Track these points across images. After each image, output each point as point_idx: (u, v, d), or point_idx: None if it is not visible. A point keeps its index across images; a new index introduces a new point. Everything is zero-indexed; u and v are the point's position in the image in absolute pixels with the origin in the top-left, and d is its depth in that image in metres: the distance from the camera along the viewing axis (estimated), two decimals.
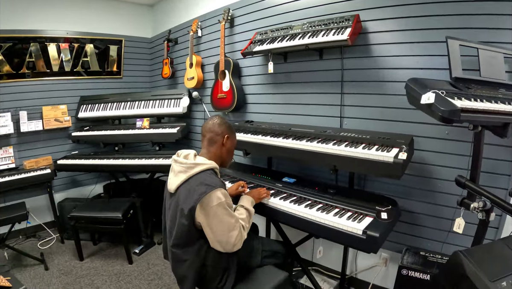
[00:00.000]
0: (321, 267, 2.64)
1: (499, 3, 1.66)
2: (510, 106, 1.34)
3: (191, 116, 3.53)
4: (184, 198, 1.47)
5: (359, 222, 1.60)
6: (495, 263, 1.10)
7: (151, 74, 4.33)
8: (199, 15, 3.34)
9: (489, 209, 1.42)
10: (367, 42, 2.11)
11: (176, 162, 1.58)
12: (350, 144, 1.82)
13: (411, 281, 1.86)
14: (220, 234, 1.46)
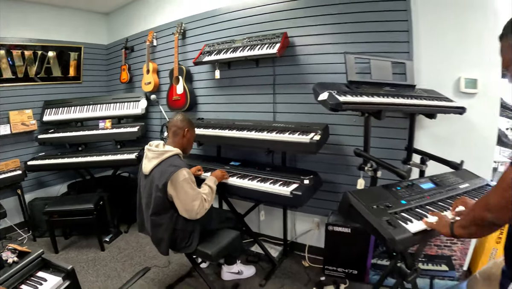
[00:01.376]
0: (267, 236, 3.27)
1: (395, 23, 2.41)
2: (379, 99, 2.01)
3: (148, 116, 4.00)
4: (158, 177, 2.01)
5: (288, 186, 2.25)
6: (371, 197, 1.68)
7: (108, 79, 4.71)
8: (154, 26, 3.83)
9: (375, 168, 2.10)
10: (293, 53, 2.79)
11: (150, 150, 2.12)
12: (279, 132, 2.46)
13: (336, 234, 2.53)
14: (185, 203, 2.01)
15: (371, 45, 2.49)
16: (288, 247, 3.09)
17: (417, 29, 2.39)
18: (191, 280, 2.74)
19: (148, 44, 3.74)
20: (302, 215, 3.05)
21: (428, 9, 2.34)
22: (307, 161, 2.85)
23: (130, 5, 4.22)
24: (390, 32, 2.44)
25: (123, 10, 4.37)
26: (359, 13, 2.50)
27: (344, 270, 2.61)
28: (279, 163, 2.87)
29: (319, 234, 2.95)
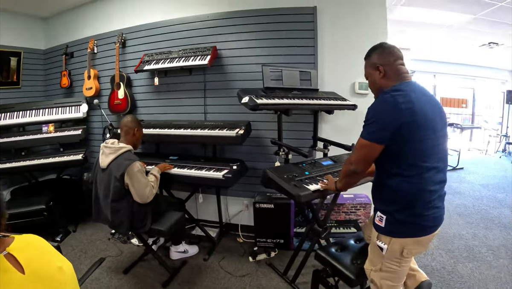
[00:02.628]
0: (206, 221, 3.84)
1: (304, 40, 3.17)
2: (287, 100, 2.71)
3: (89, 120, 4.33)
4: (116, 169, 2.50)
5: (220, 172, 2.89)
6: (283, 171, 2.35)
7: (47, 84, 4.90)
8: (95, 34, 4.18)
9: (287, 152, 2.79)
10: (221, 63, 3.43)
11: (106, 147, 2.60)
12: (210, 128, 3.09)
13: (262, 210, 3.23)
14: (139, 190, 2.53)
15: (285, 57, 3.24)
16: (224, 228, 3.69)
17: (321, 45, 3.22)
18: (144, 263, 3.17)
19: (89, 52, 4.10)
20: (233, 198, 3.69)
21: (330, 30, 3.18)
22: (234, 152, 3.49)
23: (69, 11, 4.49)
24: (300, 47, 3.22)
25: (62, 16, 4.60)
26: (276, 31, 3.26)
27: (273, 240, 3.31)
28: (211, 155, 3.48)
29: (249, 214, 3.59)
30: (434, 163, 1.59)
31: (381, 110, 1.58)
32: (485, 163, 8.15)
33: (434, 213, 1.63)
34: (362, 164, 1.67)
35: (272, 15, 3.26)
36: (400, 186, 1.59)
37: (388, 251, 1.67)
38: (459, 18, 5.12)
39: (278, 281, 2.82)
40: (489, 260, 3.18)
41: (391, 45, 1.72)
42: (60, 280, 0.96)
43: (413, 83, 1.64)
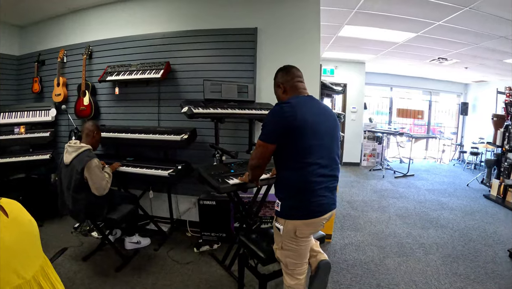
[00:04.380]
0: (158, 217, 4.44)
1: (245, 57, 3.86)
2: (220, 110, 3.36)
3: (57, 123, 4.91)
4: (77, 164, 3.07)
5: (166, 171, 3.50)
6: (212, 169, 2.98)
7: (18, 88, 5.46)
8: (65, 45, 4.80)
9: (221, 154, 3.42)
10: (174, 76, 4.10)
11: (70, 146, 3.19)
12: (160, 133, 3.73)
13: (206, 207, 3.79)
14: (96, 183, 3.10)
15: (229, 72, 3.94)
16: (174, 224, 4.30)
17: (260, 62, 3.90)
18: (101, 252, 3.69)
19: (59, 61, 4.70)
20: (183, 196, 4.33)
21: (269, 49, 3.86)
22: (183, 155, 4.14)
23: (44, 21, 5.12)
24: (242, 64, 3.90)
25: (37, 26, 5.21)
26: (222, 49, 3.94)
27: (216, 234, 3.88)
28: (162, 157, 4.12)
29: (196, 211, 4.17)
30: (316, 159, 2.01)
31: (271, 118, 2.06)
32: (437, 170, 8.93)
33: (319, 200, 2.04)
34: (260, 159, 2.14)
35: (219, 34, 3.94)
36: (288, 177, 2.06)
37: (284, 231, 2.08)
38: (402, 36, 5.81)
39: (217, 268, 3.38)
40: (419, 256, 3.69)
41: (292, 67, 2.27)
42: (31, 228, 1.44)
43: (305, 97, 2.15)
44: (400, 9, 4.49)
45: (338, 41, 6.40)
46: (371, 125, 9.32)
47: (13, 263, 1.25)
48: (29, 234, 1.40)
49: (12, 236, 1.28)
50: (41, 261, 1.43)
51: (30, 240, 1.40)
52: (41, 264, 1.42)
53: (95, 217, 3.30)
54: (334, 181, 2.15)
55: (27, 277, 1.29)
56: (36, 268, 1.37)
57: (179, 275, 3.26)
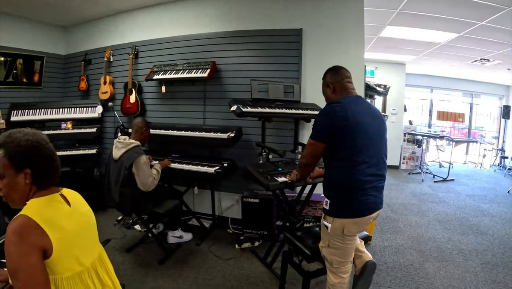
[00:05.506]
0: (201, 213, 4.63)
1: (290, 58, 3.98)
2: (268, 110, 3.50)
3: (103, 120, 5.22)
4: (126, 160, 3.28)
5: (212, 168, 3.68)
6: (260, 167, 3.13)
7: (65, 86, 5.84)
8: (111, 45, 5.10)
9: (267, 153, 3.58)
10: (219, 76, 4.28)
11: (119, 142, 3.40)
12: (207, 131, 3.92)
13: (249, 204, 3.97)
14: (143, 179, 3.30)
15: (274, 72, 4.07)
16: (216, 220, 4.49)
17: (305, 62, 4.01)
18: (144, 245, 3.92)
19: (105, 60, 4.99)
20: (225, 194, 4.50)
21: (313, 50, 3.97)
22: (228, 153, 4.30)
23: (89, 23, 5.46)
24: (286, 64, 4.03)
25: (82, 27, 5.57)
26: (267, 50, 4.09)
27: (258, 231, 4.02)
28: (207, 154, 4.29)
29: (238, 208, 4.35)
30: (365, 158, 2.08)
31: (322, 117, 2.15)
32: (478, 176, 8.75)
33: (367, 199, 2.10)
34: (310, 158, 2.24)
35: (264, 35, 4.10)
36: (337, 175, 2.14)
37: (332, 229, 2.15)
38: (444, 36, 5.81)
39: (258, 265, 3.51)
40: (458, 261, 3.69)
41: (341, 68, 2.36)
42: (90, 218, 1.55)
43: (354, 97, 2.23)
44: (443, 9, 4.52)
45: (379, 42, 6.45)
46: (411, 128, 9.23)
47: (74, 251, 1.35)
48: (88, 223, 1.53)
49: (73, 224, 1.39)
50: (99, 250, 1.56)
51: (90, 229, 1.53)
52: (99, 253, 1.54)
53: (140, 210, 3.52)
54: (381, 181, 2.22)
55: (86, 264, 1.40)
56: (94, 256, 1.49)
57: (220, 270, 3.41)
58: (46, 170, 1.38)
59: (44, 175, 1.37)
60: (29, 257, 1.17)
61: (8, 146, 1.32)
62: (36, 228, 1.22)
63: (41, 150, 1.37)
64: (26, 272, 1.16)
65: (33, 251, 1.19)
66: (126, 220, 4.50)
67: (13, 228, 1.20)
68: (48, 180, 1.40)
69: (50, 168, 1.40)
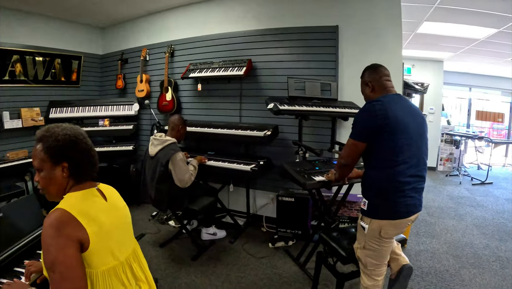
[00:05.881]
0: (235, 211, 4.69)
1: (327, 55, 3.96)
2: (305, 108, 3.51)
3: (139, 117, 5.37)
4: (162, 157, 3.35)
5: (248, 166, 3.72)
6: (297, 165, 3.11)
7: (101, 84, 6.07)
8: (147, 44, 5.25)
9: (304, 151, 3.59)
10: (255, 74, 4.32)
11: (155, 139, 3.48)
12: (243, 129, 3.96)
13: (284, 203, 3.96)
14: (179, 175, 3.36)
15: (310, 70, 4.06)
16: (250, 218, 4.52)
17: (341, 60, 3.97)
18: (178, 241, 4.01)
19: (142, 59, 5.13)
20: (260, 192, 4.53)
21: (350, 47, 3.93)
22: (264, 151, 4.33)
23: (124, 23, 5.67)
24: (322, 62, 4.01)
25: (118, 27, 5.79)
26: (302, 47, 4.07)
27: (292, 230, 4.01)
28: (243, 152, 4.35)
29: (273, 207, 4.37)
30: (405, 158, 2.04)
31: (362, 116, 2.14)
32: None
33: (406, 201, 2.06)
34: (349, 158, 2.23)
35: (300, 32, 4.09)
36: (376, 175, 2.11)
37: (369, 230, 2.13)
38: (483, 32, 5.63)
39: (291, 265, 3.51)
40: (495, 269, 3.56)
41: (379, 65, 2.34)
42: (125, 213, 1.57)
43: (393, 95, 2.19)
44: (482, 3, 4.37)
45: (416, 38, 6.32)
46: (449, 128, 8.96)
47: (110, 245, 1.37)
48: (124, 218, 1.55)
49: (109, 219, 1.41)
50: (133, 245, 1.57)
51: (125, 224, 1.55)
52: (133, 248, 1.56)
53: (176, 206, 3.59)
54: (421, 182, 2.17)
55: (121, 259, 1.41)
56: (129, 251, 1.50)
57: (253, 268, 3.44)
58: (83, 164, 1.41)
59: (81, 168, 1.40)
60: (66, 249, 1.19)
61: (46, 140, 1.35)
62: (73, 221, 1.25)
63: (78, 144, 1.39)
64: (63, 264, 1.18)
65: (70, 244, 1.21)
66: (160, 216, 4.61)
67: (50, 221, 1.23)
68: (85, 174, 1.43)
69: (87, 162, 1.43)
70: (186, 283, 3.18)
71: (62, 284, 1.18)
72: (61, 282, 1.18)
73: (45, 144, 1.35)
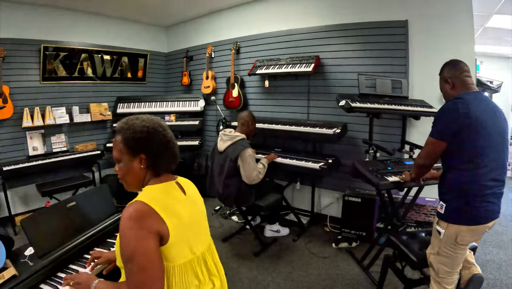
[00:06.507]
0: (298, 209, 4.73)
1: (396, 51, 3.87)
2: (378, 105, 3.46)
3: (205, 114, 5.58)
4: (231, 152, 3.45)
5: (317, 164, 3.74)
6: (369, 165, 3.09)
7: (166, 81, 6.38)
8: (212, 42, 5.44)
9: (375, 150, 3.56)
10: (323, 71, 4.31)
11: (224, 134, 3.59)
12: (312, 126, 3.99)
13: (350, 203, 3.95)
14: (248, 172, 3.44)
15: (378, 66, 3.98)
16: (314, 217, 4.55)
17: (412, 57, 3.85)
18: (240, 236, 4.14)
19: (207, 56, 5.32)
20: (325, 191, 4.54)
21: (420, 42, 3.79)
22: (330, 149, 4.34)
23: (188, 22, 5.91)
24: (391, 58, 3.92)
25: (182, 26, 6.05)
26: (370, 43, 4.00)
27: (356, 232, 3.99)
28: (310, 150, 4.39)
29: (338, 207, 4.38)
30: (487, 161, 1.98)
31: (443, 114, 2.09)
32: None
33: (486, 206, 1.99)
34: (428, 158, 2.21)
35: (367, 28, 4.02)
36: (456, 178, 2.06)
37: (445, 236, 2.07)
38: None
39: (354, 267, 3.47)
40: None
41: (459, 61, 2.27)
42: (202, 207, 1.58)
43: (475, 93, 2.12)
44: None
45: (485, 32, 5.97)
46: None
47: (188, 239, 1.38)
48: (201, 213, 1.56)
49: (188, 212, 1.41)
50: (209, 240, 1.58)
51: (202, 218, 1.56)
52: (209, 242, 1.57)
53: (243, 202, 3.66)
54: (501, 187, 2.08)
55: (197, 253, 1.42)
56: (205, 246, 1.51)
57: (316, 268, 3.45)
58: (161, 156, 1.41)
59: (159, 160, 1.41)
60: (146, 241, 1.20)
61: (125, 132, 1.38)
62: (153, 214, 1.25)
63: (156, 136, 1.39)
64: (143, 256, 1.19)
65: (150, 236, 1.22)
66: (223, 210, 4.76)
67: (129, 213, 1.24)
68: (163, 166, 1.43)
69: (165, 154, 1.42)
70: (248, 278, 3.26)
71: (140, 276, 1.19)
72: (139, 273, 1.19)
73: (124, 136, 1.38)
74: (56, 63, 4.91)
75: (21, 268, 1.77)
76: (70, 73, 5.11)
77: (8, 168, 4.23)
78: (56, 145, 4.94)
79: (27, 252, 1.94)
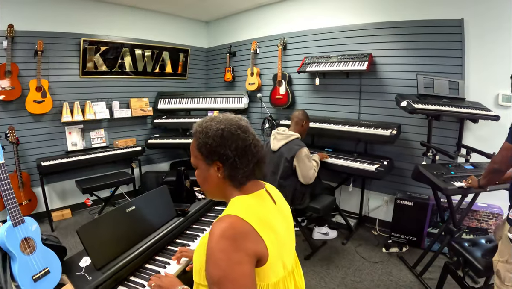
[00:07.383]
0: (345, 211, 4.70)
1: (452, 51, 3.78)
2: (440, 107, 3.41)
3: (248, 111, 5.62)
4: (287, 152, 3.46)
5: (372, 166, 3.72)
6: (432, 168, 3.08)
7: (207, 77, 6.45)
8: (257, 37, 5.45)
9: (435, 154, 3.50)
10: (376, 69, 4.26)
11: (278, 133, 3.61)
12: (365, 127, 3.96)
13: (402, 207, 3.91)
14: (304, 171, 3.45)
15: (432, 66, 3.88)
16: (361, 220, 4.54)
17: (468, 57, 3.73)
18: None
19: (252, 52, 5.34)
20: (375, 193, 4.51)
21: (475, 42, 3.68)
22: (381, 151, 4.31)
23: (229, 17, 5.97)
24: (446, 58, 3.82)
25: (222, 21, 6.11)
26: (426, 42, 3.91)
27: (406, 236, 3.95)
28: (362, 151, 4.35)
29: (386, 210, 4.36)
30: None
31: None
32: None
33: None
34: (504, 164, 2.19)
35: (422, 26, 3.94)
36: None
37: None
38: None
39: (407, 273, 3.44)
40: None
41: None
42: (290, 216, 1.40)
43: None
44: None
45: None
46: None
47: (283, 255, 1.22)
48: (291, 223, 1.37)
49: (282, 225, 1.26)
50: (294, 252, 1.39)
51: (291, 229, 1.37)
52: (294, 256, 1.38)
53: (298, 203, 3.64)
54: None
55: (288, 268, 1.25)
56: (293, 260, 1.33)
57: (369, 274, 3.43)
58: (240, 164, 1.21)
59: (238, 168, 1.21)
60: (241, 266, 1.04)
61: (198, 136, 1.24)
62: (251, 233, 1.09)
63: (233, 140, 1.20)
64: (235, 283, 1.03)
65: (247, 260, 1.06)
66: None
67: (222, 230, 1.07)
68: (246, 174, 1.24)
69: (245, 161, 1.22)
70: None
71: None
72: None
73: (197, 141, 1.24)
74: (96, 57, 5.00)
75: (78, 283, 1.66)
76: (110, 67, 5.20)
77: (46, 163, 4.28)
78: (96, 140, 4.99)
79: (82, 262, 1.81)
